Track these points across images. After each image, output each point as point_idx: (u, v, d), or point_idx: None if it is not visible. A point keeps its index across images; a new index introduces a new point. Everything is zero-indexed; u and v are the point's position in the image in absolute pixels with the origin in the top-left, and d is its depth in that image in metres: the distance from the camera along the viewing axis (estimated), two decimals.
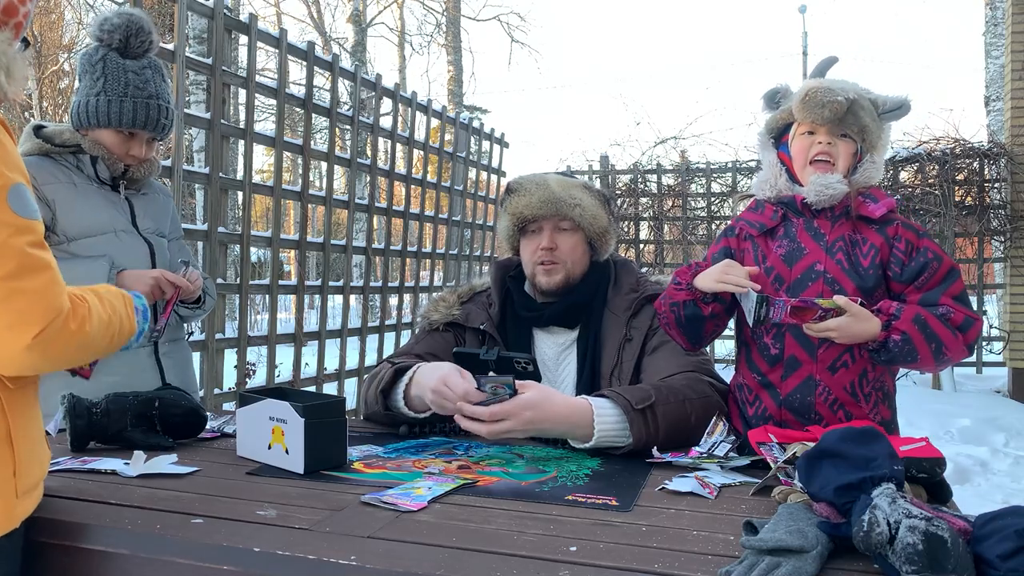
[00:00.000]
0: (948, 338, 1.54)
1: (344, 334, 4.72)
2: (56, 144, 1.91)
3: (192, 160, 7.18)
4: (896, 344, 1.54)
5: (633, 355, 1.71)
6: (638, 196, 8.03)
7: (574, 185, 1.80)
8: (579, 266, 1.79)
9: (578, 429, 1.42)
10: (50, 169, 1.88)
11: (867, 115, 1.65)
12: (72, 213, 1.87)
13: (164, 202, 2.11)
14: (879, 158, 1.69)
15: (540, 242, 1.77)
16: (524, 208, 1.78)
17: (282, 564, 0.94)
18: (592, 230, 1.78)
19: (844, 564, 0.91)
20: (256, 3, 18.29)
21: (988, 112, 8.90)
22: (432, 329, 1.85)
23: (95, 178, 1.94)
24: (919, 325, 1.54)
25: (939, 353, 1.55)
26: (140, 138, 1.94)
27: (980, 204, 6.73)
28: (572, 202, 1.76)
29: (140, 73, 1.90)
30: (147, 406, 1.50)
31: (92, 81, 1.89)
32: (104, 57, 1.88)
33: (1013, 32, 6.44)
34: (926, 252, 1.61)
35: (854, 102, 1.64)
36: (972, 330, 1.56)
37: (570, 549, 0.95)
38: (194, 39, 6.32)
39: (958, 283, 1.60)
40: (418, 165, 5.65)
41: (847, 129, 1.64)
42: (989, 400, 6.17)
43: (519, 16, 29.24)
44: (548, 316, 1.79)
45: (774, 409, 1.65)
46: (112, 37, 1.88)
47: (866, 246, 1.62)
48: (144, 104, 1.89)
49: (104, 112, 1.88)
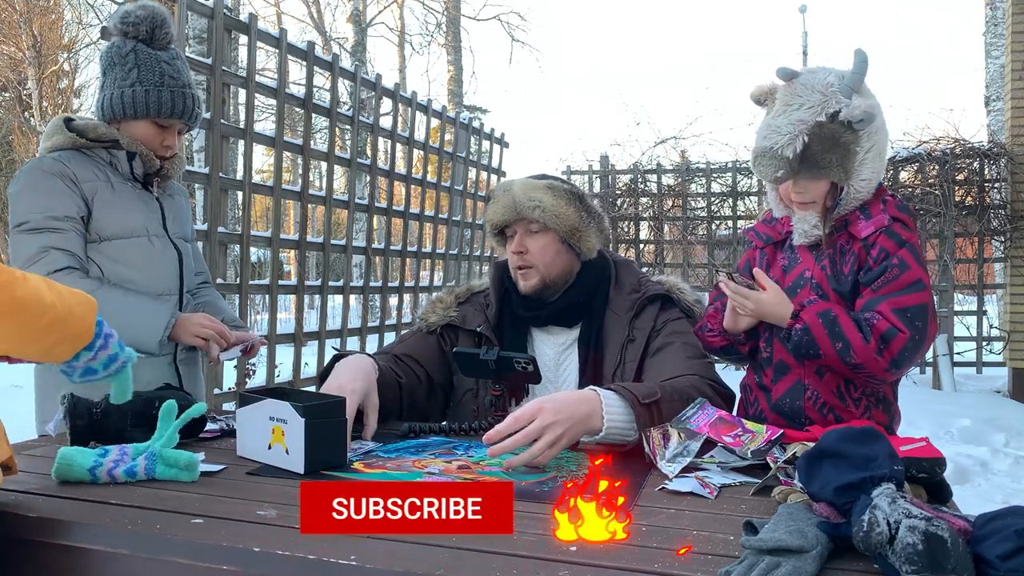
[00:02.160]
0: (858, 343, 1.49)
1: (344, 334, 4.72)
2: (90, 139, 1.89)
3: (192, 160, 7.18)
4: (797, 333, 1.55)
5: (636, 355, 1.71)
6: (638, 196, 8.03)
7: (536, 187, 1.78)
8: (554, 267, 1.77)
9: (593, 418, 1.38)
10: (87, 165, 1.87)
11: (832, 148, 1.56)
12: (109, 213, 1.85)
13: (184, 204, 2.11)
14: (870, 171, 1.60)
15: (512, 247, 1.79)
16: (492, 215, 1.81)
17: (282, 564, 0.94)
18: (561, 229, 1.76)
19: (844, 564, 0.91)
20: (256, 3, 18.29)
21: (988, 112, 8.91)
22: (427, 332, 1.86)
23: (130, 176, 1.92)
24: (825, 321, 1.52)
25: (846, 354, 1.50)
26: (173, 129, 1.94)
27: (980, 204, 6.73)
28: (531, 204, 1.75)
29: (171, 64, 1.91)
30: (147, 406, 1.50)
31: (124, 73, 1.87)
32: (134, 49, 1.88)
33: (1013, 32, 6.44)
34: (894, 259, 1.55)
35: (808, 146, 1.55)
36: (895, 342, 1.49)
37: (570, 549, 0.95)
38: (194, 39, 6.32)
39: (914, 296, 1.53)
40: (418, 165, 5.65)
41: (810, 175, 1.59)
42: (989, 400, 6.17)
43: (519, 16, 29.36)
44: (546, 315, 1.79)
45: (768, 412, 1.66)
46: (138, 30, 1.88)
47: (848, 254, 1.61)
48: (181, 93, 1.90)
49: (142, 102, 1.87)
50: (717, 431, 1.36)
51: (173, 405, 1.34)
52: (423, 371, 1.80)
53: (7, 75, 16.34)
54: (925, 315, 1.53)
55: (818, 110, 1.56)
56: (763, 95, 1.67)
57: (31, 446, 1.51)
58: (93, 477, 1.22)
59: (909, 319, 1.51)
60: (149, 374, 1.87)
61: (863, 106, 1.55)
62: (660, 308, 1.77)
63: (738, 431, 1.36)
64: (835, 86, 1.57)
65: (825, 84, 1.57)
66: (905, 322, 1.50)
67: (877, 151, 1.61)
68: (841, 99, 1.56)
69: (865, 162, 1.59)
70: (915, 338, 1.50)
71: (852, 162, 1.58)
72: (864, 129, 1.57)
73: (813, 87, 1.58)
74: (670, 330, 1.73)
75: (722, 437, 1.35)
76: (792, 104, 1.58)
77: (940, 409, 5.52)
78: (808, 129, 1.55)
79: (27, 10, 15.34)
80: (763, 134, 1.60)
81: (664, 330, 1.73)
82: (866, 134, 1.58)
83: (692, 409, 1.43)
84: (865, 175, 1.60)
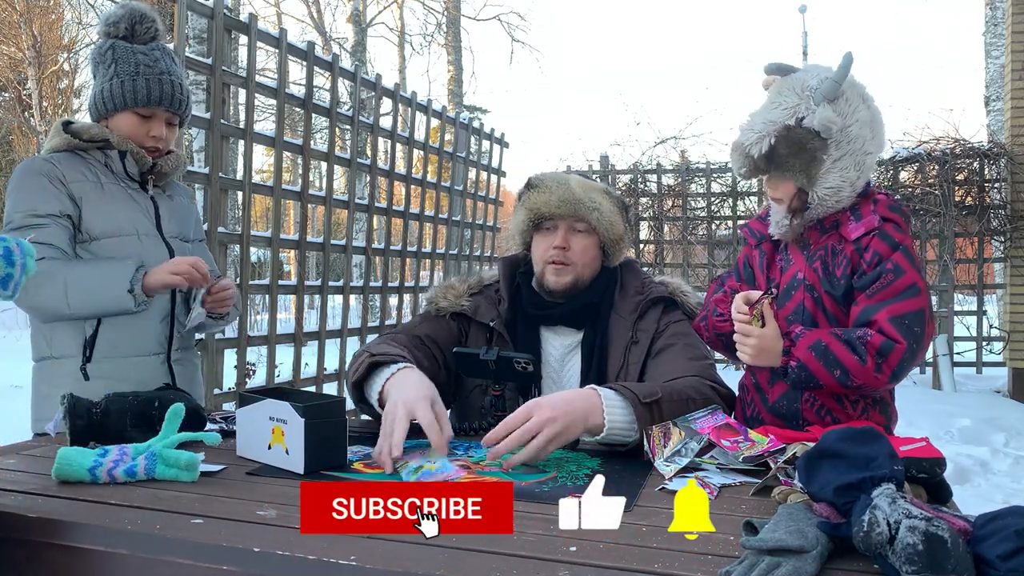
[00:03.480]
0: (854, 366, 1.49)
1: (344, 334, 4.72)
2: (84, 139, 1.90)
3: (192, 160, 7.18)
4: (794, 371, 1.53)
5: (639, 357, 1.71)
6: (638, 196, 8.04)
7: (595, 188, 1.79)
8: (589, 269, 1.78)
9: (593, 415, 1.37)
10: (78, 166, 1.87)
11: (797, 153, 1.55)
12: (97, 213, 1.86)
13: (189, 205, 2.11)
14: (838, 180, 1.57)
15: (553, 240, 1.76)
16: (542, 205, 1.76)
17: (282, 564, 0.94)
18: (607, 236, 1.77)
19: (844, 564, 0.91)
20: (256, 3, 18.29)
21: (988, 112, 8.91)
22: (439, 315, 1.83)
23: (123, 175, 1.92)
24: (817, 353, 1.50)
25: (845, 380, 1.50)
26: (158, 118, 1.93)
27: (980, 204, 6.74)
28: (591, 205, 1.75)
29: (149, 54, 1.91)
30: (147, 406, 1.50)
31: (104, 70, 1.90)
32: (113, 46, 1.89)
33: (1013, 32, 6.44)
34: (888, 263, 1.54)
35: (774, 148, 1.55)
36: (892, 355, 1.48)
37: (570, 549, 0.95)
38: (194, 39, 6.32)
39: (912, 302, 1.52)
40: (418, 165, 5.65)
41: (779, 174, 1.59)
42: (989, 400, 6.17)
43: (519, 16, 29.40)
44: (559, 316, 1.78)
45: (765, 414, 1.66)
46: (118, 27, 1.90)
47: (840, 256, 1.60)
48: (157, 80, 1.89)
49: (119, 94, 1.87)
50: (719, 434, 1.36)
51: (180, 408, 1.35)
52: (442, 356, 1.77)
53: (7, 75, 16.35)
54: (922, 320, 1.52)
55: (790, 113, 1.56)
56: (769, 85, 1.68)
57: (31, 446, 1.51)
58: (93, 477, 1.22)
59: (907, 327, 1.50)
60: (142, 373, 1.88)
61: (825, 117, 1.53)
62: (663, 310, 1.78)
63: (739, 438, 1.36)
64: (811, 90, 1.56)
65: (804, 87, 1.56)
66: (903, 331, 1.49)
67: (852, 161, 1.57)
68: (811, 105, 1.55)
69: (832, 171, 1.57)
70: (912, 346, 1.49)
71: (817, 169, 1.57)
72: (832, 139, 1.55)
73: (793, 88, 1.57)
74: (672, 332, 1.73)
75: (721, 440, 1.35)
76: (773, 103, 1.59)
77: (940, 409, 5.52)
78: (776, 131, 1.55)
79: (27, 10, 15.35)
80: (742, 127, 1.61)
81: (667, 332, 1.73)
82: (835, 143, 1.56)
83: (702, 412, 1.43)
84: (832, 183, 1.57)
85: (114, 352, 1.86)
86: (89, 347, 1.84)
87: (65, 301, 1.75)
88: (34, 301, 1.76)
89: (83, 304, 1.78)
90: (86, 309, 1.79)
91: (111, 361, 1.85)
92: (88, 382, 1.81)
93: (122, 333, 1.86)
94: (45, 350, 1.88)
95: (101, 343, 1.85)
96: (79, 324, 1.84)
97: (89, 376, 1.83)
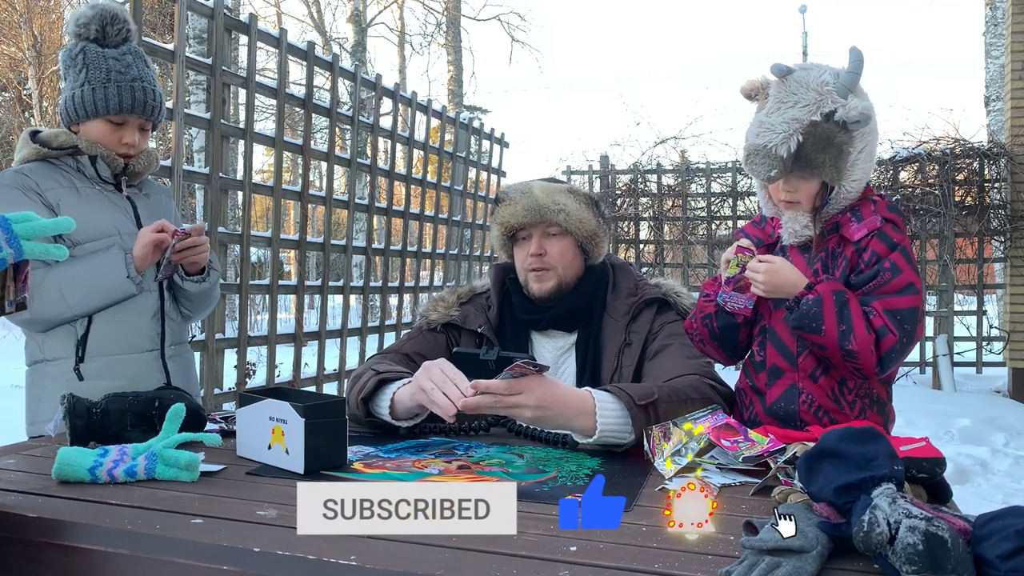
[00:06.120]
0: (861, 331, 1.50)
1: (344, 334, 4.72)
2: (54, 147, 1.89)
3: (192, 160, 7.18)
4: (807, 303, 1.52)
5: (633, 359, 1.71)
6: (638, 196, 8.04)
7: (558, 190, 1.80)
8: (571, 270, 1.79)
9: (582, 417, 1.40)
10: (51, 174, 1.87)
11: (826, 148, 1.55)
12: (76, 218, 1.85)
13: (166, 203, 2.10)
14: (861, 172, 1.59)
15: (530, 249, 1.78)
16: (510, 217, 1.79)
17: (282, 564, 0.94)
18: (580, 233, 1.78)
19: (844, 564, 0.91)
20: (256, 3, 18.27)
21: (988, 112, 8.91)
22: (429, 329, 1.85)
23: (97, 179, 1.92)
24: (837, 299, 1.51)
25: (845, 339, 1.50)
26: (131, 125, 1.91)
27: (980, 204, 6.74)
28: (556, 208, 1.76)
29: (120, 59, 1.88)
30: (147, 406, 1.50)
31: (75, 75, 1.88)
32: (83, 50, 1.87)
33: (1013, 32, 6.44)
34: (887, 262, 1.55)
35: (802, 145, 1.54)
36: (884, 341, 1.50)
37: (570, 549, 0.95)
38: (194, 39, 6.32)
39: (906, 299, 1.53)
40: (418, 165, 5.65)
41: (802, 174, 1.58)
42: (989, 400, 6.17)
43: (519, 16, 29.43)
44: (548, 320, 1.79)
45: (763, 415, 1.66)
46: (88, 29, 1.87)
47: (840, 258, 1.61)
48: (129, 87, 1.87)
49: (90, 101, 1.86)
50: (719, 434, 1.36)
51: (181, 408, 1.35)
52: None
53: (7, 75, 16.34)
54: (915, 319, 1.54)
55: (813, 109, 1.54)
56: (754, 90, 1.64)
57: (30, 446, 1.51)
58: (93, 477, 1.22)
59: (899, 322, 1.51)
60: (136, 370, 1.88)
61: (860, 107, 1.54)
62: (657, 311, 1.78)
63: (739, 438, 1.36)
64: (831, 85, 1.55)
65: (820, 82, 1.56)
66: (895, 324, 1.51)
67: (868, 152, 1.60)
68: (837, 99, 1.54)
69: (857, 163, 1.58)
70: (903, 340, 1.51)
71: (845, 163, 1.57)
72: (859, 130, 1.56)
73: (808, 85, 1.56)
74: (667, 332, 1.73)
75: (721, 440, 1.35)
76: (787, 102, 1.56)
77: (940, 409, 5.52)
78: (803, 128, 1.54)
79: (27, 10, 15.34)
80: (755, 131, 1.58)
81: (661, 333, 1.74)
82: (860, 135, 1.57)
83: (703, 412, 1.43)
84: (856, 176, 1.59)
85: (107, 351, 1.86)
86: (81, 347, 1.84)
87: (64, 303, 1.76)
88: (30, 313, 1.74)
89: (83, 301, 1.78)
90: (87, 305, 1.80)
91: (104, 360, 1.85)
92: (82, 382, 1.81)
93: (114, 331, 1.86)
94: (37, 354, 1.88)
95: (93, 342, 1.84)
96: (70, 325, 1.84)
97: (83, 376, 1.83)
